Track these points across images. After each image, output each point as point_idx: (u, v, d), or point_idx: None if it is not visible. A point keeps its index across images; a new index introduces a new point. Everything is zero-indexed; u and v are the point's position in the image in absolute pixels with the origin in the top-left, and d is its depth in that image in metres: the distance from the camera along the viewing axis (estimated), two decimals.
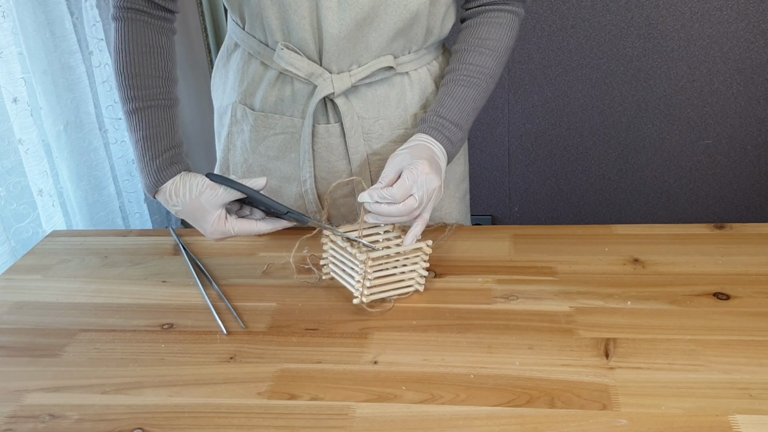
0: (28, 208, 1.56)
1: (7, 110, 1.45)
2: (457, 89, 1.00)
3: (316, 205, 1.10)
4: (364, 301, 0.89)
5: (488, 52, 1.01)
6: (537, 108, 2.12)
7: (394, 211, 0.88)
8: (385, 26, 0.96)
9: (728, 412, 0.70)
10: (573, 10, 1.97)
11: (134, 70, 0.97)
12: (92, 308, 0.95)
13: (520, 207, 2.29)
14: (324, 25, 0.94)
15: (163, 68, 1.00)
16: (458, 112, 0.99)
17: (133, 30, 0.98)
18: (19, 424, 0.75)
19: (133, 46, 0.98)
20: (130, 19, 0.98)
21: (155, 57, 0.99)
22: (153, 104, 0.98)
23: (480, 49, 1.01)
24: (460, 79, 1.00)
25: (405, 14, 0.96)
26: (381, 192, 0.87)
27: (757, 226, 1.05)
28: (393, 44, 1.00)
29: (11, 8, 1.48)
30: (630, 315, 0.86)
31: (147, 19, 0.99)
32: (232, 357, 0.83)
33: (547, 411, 0.72)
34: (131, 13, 0.98)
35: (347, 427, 0.71)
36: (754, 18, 1.91)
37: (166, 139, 0.97)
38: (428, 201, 0.90)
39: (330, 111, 1.04)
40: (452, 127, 0.98)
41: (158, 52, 1.00)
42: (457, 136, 0.99)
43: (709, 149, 2.10)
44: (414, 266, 0.92)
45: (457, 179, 1.17)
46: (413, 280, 0.92)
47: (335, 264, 0.95)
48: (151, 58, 0.99)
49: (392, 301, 0.91)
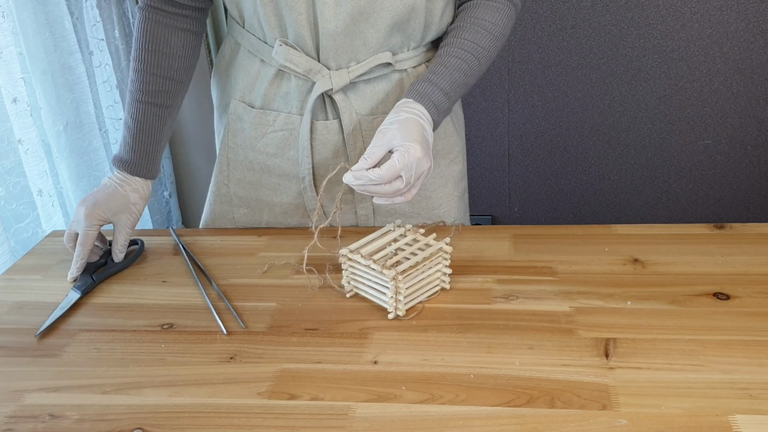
0: (28, 208, 1.55)
1: (6, 110, 1.45)
2: (449, 60, 0.98)
3: (315, 202, 1.10)
4: (400, 315, 0.88)
5: (483, 32, 1.00)
6: (537, 108, 2.12)
7: (379, 191, 0.87)
8: (381, 21, 0.96)
9: (728, 412, 0.70)
10: (573, 10, 1.96)
11: (150, 68, 1.04)
12: (92, 308, 0.95)
13: (520, 207, 2.28)
14: (320, 21, 0.95)
15: (177, 69, 1.06)
16: (449, 80, 0.97)
17: (155, 30, 1.04)
18: (19, 424, 0.75)
19: (153, 44, 1.03)
20: (154, 19, 1.03)
21: (172, 58, 1.05)
22: (163, 105, 1.06)
23: (475, 27, 1.00)
24: (454, 52, 0.99)
25: (401, 8, 0.96)
26: (368, 174, 0.85)
27: (757, 226, 1.05)
28: (390, 40, 1.00)
29: (11, 8, 1.48)
30: (630, 315, 0.86)
31: (169, 21, 1.04)
32: (232, 357, 0.83)
33: (547, 411, 0.72)
34: (156, 13, 1.04)
35: (347, 427, 0.71)
36: (754, 18, 1.91)
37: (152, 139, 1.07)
38: (416, 181, 0.89)
39: (328, 107, 1.04)
40: (440, 94, 0.96)
41: (174, 54, 1.05)
42: (444, 105, 0.96)
43: (709, 149, 2.10)
44: (437, 267, 0.91)
45: (456, 177, 1.17)
46: (438, 280, 0.92)
47: (358, 281, 0.92)
48: (168, 59, 1.04)
49: (422, 304, 0.91)
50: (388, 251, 0.91)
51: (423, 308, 0.90)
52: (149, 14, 1.03)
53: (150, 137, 1.06)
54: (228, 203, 1.17)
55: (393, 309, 0.88)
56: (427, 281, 0.91)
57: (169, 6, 1.03)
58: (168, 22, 1.03)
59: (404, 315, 0.88)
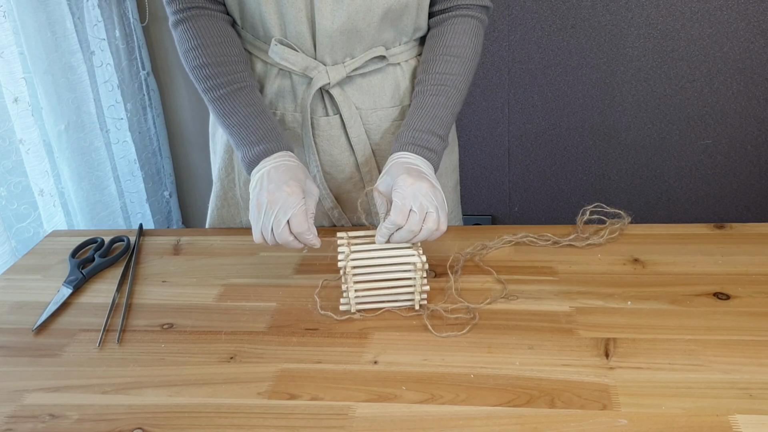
0: (29, 208, 1.56)
1: (8, 110, 1.45)
2: (426, 99, 1.00)
3: (330, 200, 1.11)
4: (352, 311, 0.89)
5: (454, 59, 1.01)
6: (537, 108, 2.11)
7: (406, 235, 0.86)
8: (376, 18, 0.98)
9: (728, 412, 0.70)
10: (573, 10, 1.96)
11: (216, 59, 0.99)
12: (92, 308, 0.95)
13: (520, 207, 2.28)
14: (318, 18, 0.96)
15: (239, 54, 1.02)
16: (430, 121, 0.97)
17: (201, 25, 1.00)
18: (19, 424, 0.75)
19: (207, 38, 0.99)
20: (196, 17, 1.01)
21: (229, 46, 1.01)
22: (245, 85, 0.99)
23: (445, 57, 1.01)
24: (429, 90, 1.00)
25: (395, 5, 0.98)
26: (386, 226, 0.86)
27: (757, 226, 1.05)
28: (384, 35, 1.02)
29: (12, 8, 1.48)
30: (630, 315, 0.86)
31: (210, 13, 1.01)
32: (232, 357, 0.83)
33: (547, 411, 0.72)
34: (194, 11, 1.01)
35: (347, 427, 0.71)
36: (754, 18, 1.91)
37: (273, 116, 0.99)
38: (430, 204, 0.86)
39: (328, 103, 1.05)
40: (428, 136, 0.96)
41: (230, 42, 1.01)
42: (434, 143, 0.97)
43: (709, 149, 2.10)
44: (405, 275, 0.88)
45: (449, 168, 1.19)
46: (409, 294, 0.89)
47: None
48: (226, 47, 1.01)
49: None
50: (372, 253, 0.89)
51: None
52: (193, 14, 1.00)
53: (267, 114, 0.99)
54: (235, 206, 1.17)
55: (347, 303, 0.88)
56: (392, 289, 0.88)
57: (206, 3, 1.01)
58: (214, 15, 1.02)
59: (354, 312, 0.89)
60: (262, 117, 0.97)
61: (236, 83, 0.99)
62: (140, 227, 1.14)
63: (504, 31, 2.01)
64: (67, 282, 0.99)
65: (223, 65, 0.99)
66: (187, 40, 1.00)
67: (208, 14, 1.01)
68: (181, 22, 1.01)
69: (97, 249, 1.08)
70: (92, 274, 1.03)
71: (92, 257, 1.06)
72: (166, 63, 2.11)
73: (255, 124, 0.96)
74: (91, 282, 1.02)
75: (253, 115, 0.97)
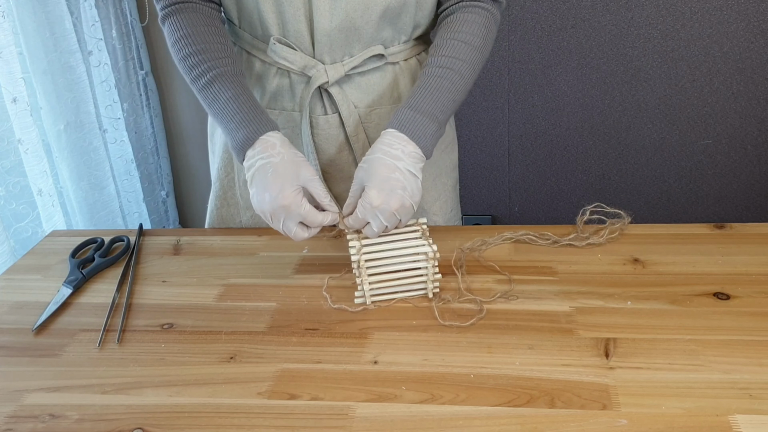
0: (28, 208, 1.56)
1: (6, 110, 1.45)
2: (430, 81, 0.97)
3: None
4: (367, 303, 0.90)
5: (462, 45, 0.99)
6: (537, 108, 2.11)
7: (368, 232, 0.91)
8: (374, 16, 0.98)
9: (728, 412, 0.70)
10: (573, 10, 1.96)
11: (200, 47, 0.98)
12: (92, 308, 0.95)
13: (520, 207, 2.28)
14: (316, 16, 0.96)
15: (223, 43, 1.00)
16: (431, 102, 0.95)
17: (187, 17, 1.00)
18: (19, 424, 0.75)
19: (193, 29, 0.99)
20: (183, 10, 1.00)
21: (214, 35, 1.00)
22: (231, 70, 0.98)
23: (453, 42, 0.99)
24: (434, 72, 0.97)
25: (394, 3, 0.98)
26: (345, 221, 0.92)
27: (757, 226, 1.05)
28: (382, 34, 1.02)
29: (11, 8, 1.48)
30: (630, 315, 0.86)
31: (197, 7, 1.01)
32: (232, 357, 0.83)
33: (547, 411, 0.72)
34: (182, 5, 1.00)
35: (347, 427, 0.71)
36: (754, 18, 1.91)
37: (254, 97, 0.98)
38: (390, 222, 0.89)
39: (327, 102, 1.05)
40: (424, 119, 0.94)
41: (215, 31, 1.01)
42: (431, 129, 0.94)
43: (709, 149, 2.10)
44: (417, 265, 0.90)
45: (449, 168, 1.18)
46: (422, 283, 0.91)
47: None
48: (211, 35, 1.00)
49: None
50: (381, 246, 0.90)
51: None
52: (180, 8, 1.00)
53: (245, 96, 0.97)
54: (235, 206, 1.17)
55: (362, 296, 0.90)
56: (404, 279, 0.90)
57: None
58: (201, 10, 1.01)
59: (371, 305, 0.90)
60: (239, 100, 0.95)
61: (215, 69, 0.97)
62: (140, 227, 1.14)
63: (504, 31, 2.01)
64: (67, 282, 0.99)
65: (206, 53, 0.98)
66: (174, 31, 1.00)
67: (195, 8, 1.01)
68: (169, 16, 1.01)
69: (97, 249, 1.08)
70: (92, 274, 1.03)
71: (92, 257, 1.06)
72: (165, 63, 2.11)
73: (233, 109, 0.95)
74: (91, 282, 1.01)
75: (232, 99, 0.95)
